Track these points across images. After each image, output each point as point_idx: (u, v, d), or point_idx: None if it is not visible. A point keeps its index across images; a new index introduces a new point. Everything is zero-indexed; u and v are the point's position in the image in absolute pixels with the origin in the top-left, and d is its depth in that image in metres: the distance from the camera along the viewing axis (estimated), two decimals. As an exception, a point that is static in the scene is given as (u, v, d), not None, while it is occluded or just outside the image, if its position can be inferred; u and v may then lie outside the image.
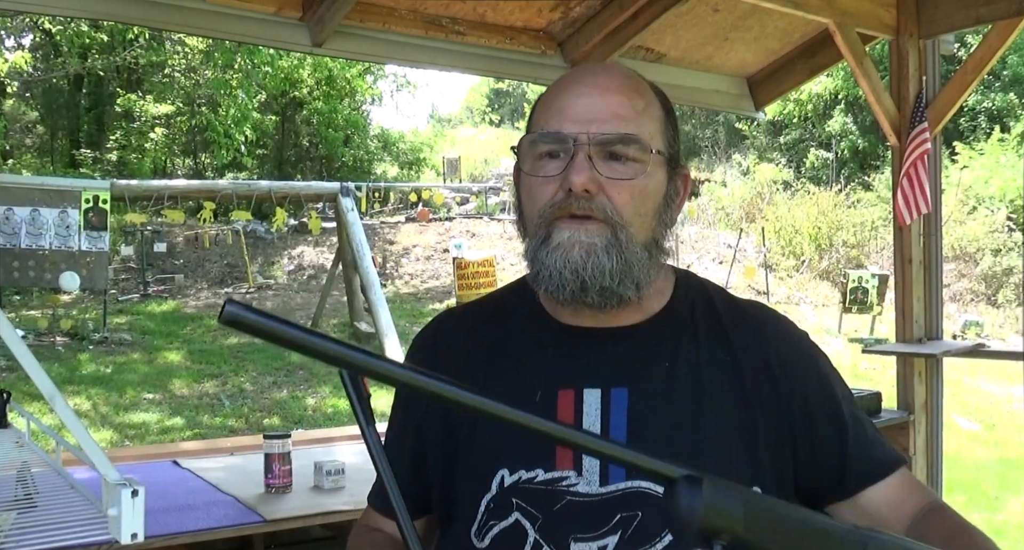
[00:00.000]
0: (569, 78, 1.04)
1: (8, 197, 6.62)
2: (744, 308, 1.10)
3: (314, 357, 0.54)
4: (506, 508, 0.98)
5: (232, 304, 0.51)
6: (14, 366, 7.54)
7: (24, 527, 1.39)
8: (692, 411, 0.99)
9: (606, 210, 0.97)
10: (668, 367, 1.02)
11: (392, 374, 0.55)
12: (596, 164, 0.97)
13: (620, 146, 0.98)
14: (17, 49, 16.12)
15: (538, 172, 1.00)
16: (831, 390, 1.07)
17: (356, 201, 10.05)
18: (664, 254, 1.04)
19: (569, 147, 0.97)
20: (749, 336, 1.05)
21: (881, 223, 14.69)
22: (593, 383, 1.01)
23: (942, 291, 3.87)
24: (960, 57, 11.32)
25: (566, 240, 0.97)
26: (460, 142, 25.65)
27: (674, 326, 1.05)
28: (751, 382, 1.02)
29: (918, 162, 3.50)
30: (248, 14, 2.91)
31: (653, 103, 1.03)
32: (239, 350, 9.88)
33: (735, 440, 0.99)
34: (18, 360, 1.19)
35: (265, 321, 0.52)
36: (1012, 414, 8.11)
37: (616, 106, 0.99)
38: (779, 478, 1.02)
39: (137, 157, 16.93)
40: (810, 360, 1.08)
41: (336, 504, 2.56)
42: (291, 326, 0.53)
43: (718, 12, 3.51)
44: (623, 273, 0.97)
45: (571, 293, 0.97)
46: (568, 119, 0.99)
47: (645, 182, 0.99)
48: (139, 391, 8.26)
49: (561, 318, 1.06)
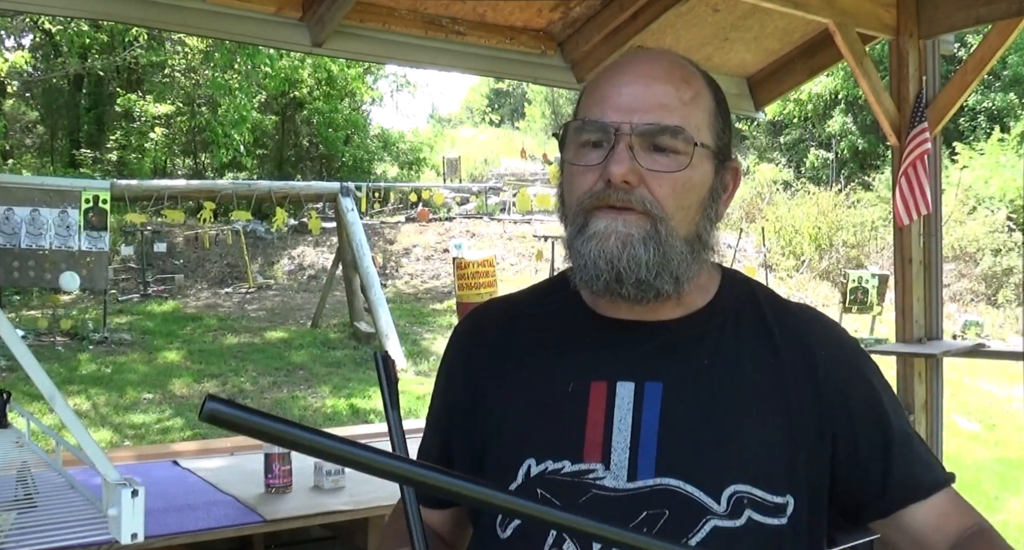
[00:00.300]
0: (617, 65, 1.01)
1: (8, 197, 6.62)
2: (791, 310, 1.07)
3: (299, 450, 0.53)
4: (530, 499, 0.96)
5: (212, 401, 0.50)
6: (14, 366, 7.54)
7: (24, 527, 1.39)
8: (728, 411, 0.96)
9: (646, 202, 0.94)
10: (707, 364, 0.99)
11: (373, 463, 0.54)
12: (637, 155, 0.94)
13: (663, 137, 0.95)
14: (17, 49, 16.12)
15: (579, 161, 0.98)
16: (878, 401, 1.03)
17: (356, 201, 10.05)
18: (708, 250, 1.01)
19: (610, 136, 0.95)
20: (795, 339, 1.02)
21: (881, 223, 14.69)
22: (627, 376, 0.98)
23: (942, 291, 3.87)
24: (960, 57, 11.32)
25: (602, 229, 0.95)
26: (460, 142, 25.65)
27: (716, 323, 1.02)
28: (793, 387, 0.98)
29: (917, 162, 3.50)
30: (248, 14, 2.91)
31: (702, 93, 1.00)
32: (239, 350, 9.88)
33: (772, 445, 0.96)
34: (18, 360, 1.20)
35: (247, 417, 0.51)
36: (1012, 414, 8.11)
37: (661, 96, 0.96)
38: (815, 488, 0.98)
39: (137, 157, 16.92)
40: (857, 369, 1.04)
41: (336, 504, 2.57)
42: (274, 420, 0.52)
43: (718, 12, 3.51)
44: (660, 266, 0.95)
45: (605, 283, 0.95)
46: (611, 108, 0.96)
47: (688, 175, 0.96)
48: (139, 391, 8.26)
49: (599, 310, 1.04)
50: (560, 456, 0.96)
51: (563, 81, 3.72)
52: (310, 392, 8.53)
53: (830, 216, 15.26)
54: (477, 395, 1.05)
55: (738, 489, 0.93)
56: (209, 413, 0.49)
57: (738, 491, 0.93)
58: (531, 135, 29.94)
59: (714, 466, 0.93)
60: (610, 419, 0.96)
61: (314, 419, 7.68)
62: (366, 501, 2.61)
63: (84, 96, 18.37)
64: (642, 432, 0.95)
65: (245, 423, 0.51)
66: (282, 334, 10.67)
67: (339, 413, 7.85)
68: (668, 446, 0.94)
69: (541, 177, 19.45)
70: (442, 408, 1.12)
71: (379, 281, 9.95)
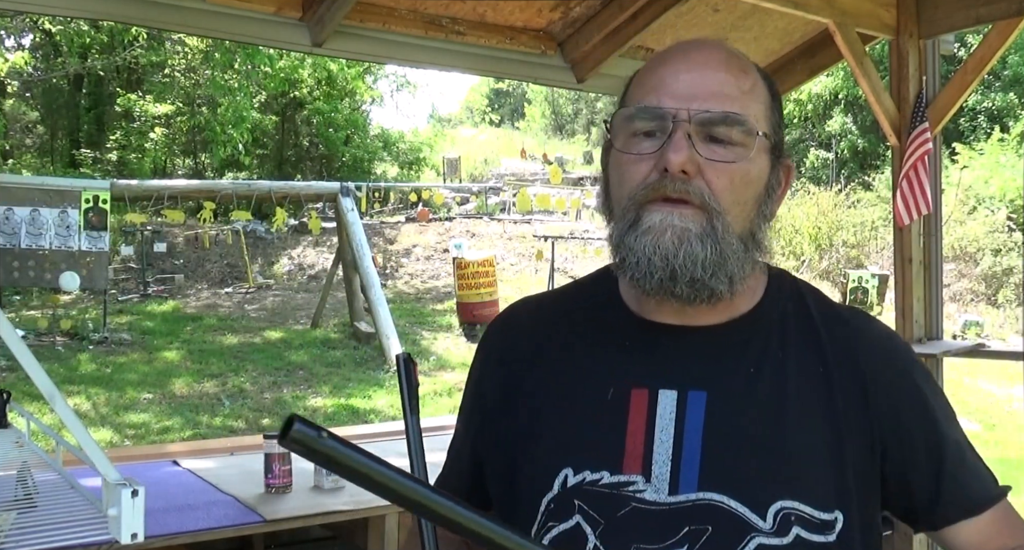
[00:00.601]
0: (670, 53, 0.96)
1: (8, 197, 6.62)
2: (842, 315, 1.01)
3: (386, 496, 0.50)
4: (567, 510, 0.92)
5: (301, 423, 0.46)
6: (14, 366, 7.54)
7: (24, 527, 1.39)
8: (775, 422, 0.91)
9: (703, 195, 0.89)
10: (752, 373, 0.94)
11: (471, 524, 0.52)
12: (695, 144, 0.89)
13: (723, 127, 0.90)
14: (17, 49, 16.12)
15: (631, 150, 0.92)
16: (930, 411, 0.97)
17: (356, 201, 10.05)
18: (760, 250, 0.96)
19: (667, 124, 0.89)
20: (844, 347, 0.96)
21: (881, 223, 14.70)
22: (670, 384, 0.93)
23: (942, 291, 3.87)
24: (960, 57, 11.33)
25: (657, 224, 0.89)
26: (460, 142, 25.66)
27: (762, 329, 0.97)
28: (842, 397, 0.93)
29: (919, 163, 3.50)
30: (248, 14, 2.91)
31: (759, 85, 0.95)
32: (239, 350, 9.88)
33: (820, 457, 0.91)
34: (18, 360, 1.20)
35: (336, 448, 0.47)
36: (1012, 414, 8.11)
37: (720, 84, 0.91)
38: (865, 503, 0.93)
39: (137, 157, 16.93)
40: (909, 377, 0.98)
41: (336, 504, 2.56)
42: (366, 457, 0.48)
43: (718, 12, 3.51)
44: (716, 265, 0.89)
45: (659, 282, 0.89)
46: (667, 94, 0.91)
47: (747, 167, 0.91)
48: (139, 391, 8.26)
49: (641, 312, 0.98)
50: (599, 466, 0.92)
51: (563, 81, 3.72)
52: (310, 392, 8.54)
53: (830, 216, 15.27)
54: (511, 394, 1.01)
55: (785, 505, 0.88)
56: (295, 439, 0.45)
57: (785, 507, 0.88)
58: (531, 135, 29.95)
59: (760, 481, 0.89)
60: (651, 428, 0.92)
61: (313, 419, 7.64)
62: (366, 501, 2.61)
63: (84, 96, 18.38)
64: (684, 443, 0.90)
65: (335, 457, 0.47)
66: (282, 334, 10.67)
67: (339, 413, 7.85)
68: (712, 459, 0.90)
69: (541, 177, 19.46)
70: (473, 407, 1.08)
71: (379, 281, 9.95)
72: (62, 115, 18.75)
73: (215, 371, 9.05)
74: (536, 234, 14.38)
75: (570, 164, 22.47)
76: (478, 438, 1.05)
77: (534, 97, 34.88)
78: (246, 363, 9.35)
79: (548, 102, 34.20)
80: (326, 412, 7.90)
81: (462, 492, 1.06)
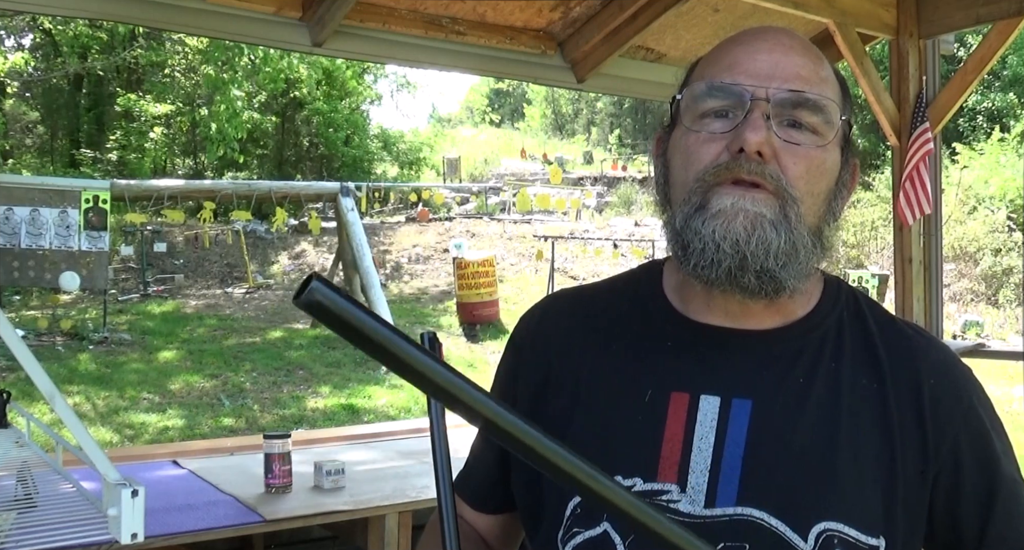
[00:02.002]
0: (743, 35, 0.90)
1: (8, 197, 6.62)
2: (903, 331, 0.93)
3: (391, 366, 0.45)
4: (595, 516, 0.87)
5: (319, 281, 0.42)
6: (14, 366, 7.54)
7: (24, 527, 1.39)
8: (824, 438, 0.85)
9: (779, 179, 0.83)
10: (803, 383, 0.87)
11: (472, 402, 0.47)
12: (773, 126, 0.83)
13: (803, 110, 0.84)
14: (17, 49, 16.12)
15: (701, 129, 0.86)
16: (988, 443, 0.90)
17: (356, 201, 10.05)
18: (825, 250, 0.89)
19: (745, 102, 0.83)
20: (903, 365, 0.89)
21: (881, 223, 14.70)
22: (713, 389, 0.87)
23: (942, 291, 3.87)
24: (960, 57, 11.33)
25: (729, 207, 0.82)
26: (460, 142, 25.66)
27: (816, 337, 0.90)
28: (897, 417, 0.87)
29: (920, 163, 3.50)
30: (248, 14, 2.91)
31: (834, 77, 0.90)
32: (239, 350, 9.88)
33: (869, 477, 0.85)
34: (18, 360, 1.20)
35: (354, 312, 0.42)
36: (1012, 414, 8.11)
37: (799, 67, 0.85)
38: (911, 530, 0.87)
39: (137, 157, 16.93)
40: (970, 405, 0.90)
41: (336, 504, 2.56)
42: (387, 328, 0.43)
43: (718, 12, 3.51)
44: (788, 255, 0.83)
45: (727, 270, 0.82)
46: (743, 73, 0.85)
47: (824, 156, 0.86)
48: (139, 391, 8.26)
49: (687, 312, 0.92)
50: (631, 472, 0.85)
51: (563, 81, 3.72)
52: (310, 392, 8.54)
53: (830, 216, 15.27)
54: (541, 390, 0.95)
55: (828, 527, 0.82)
56: (309, 300, 0.41)
57: (828, 529, 0.82)
58: (531, 135, 29.96)
59: (804, 499, 0.83)
60: (689, 436, 0.85)
61: (314, 419, 7.68)
62: (366, 501, 2.61)
63: (84, 96, 18.39)
64: (725, 453, 0.84)
65: (352, 322, 0.42)
66: (282, 334, 10.67)
67: (339, 413, 7.85)
68: (754, 472, 0.83)
69: (541, 177, 19.46)
70: (504, 401, 1.04)
71: (379, 281, 9.96)
72: (62, 115, 18.76)
73: (215, 371, 9.06)
74: (536, 234, 14.40)
75: (570, 164, 22.49)
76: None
77: (534, 97, 34.89)
78: (246, 363, 9.35)
79: (548, 102, 34.21)
80: (326, 412, 7.90)
81: (486, 489, 1.03)
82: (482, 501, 1.04)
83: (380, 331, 0.43)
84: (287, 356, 9.68)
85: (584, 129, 32.81)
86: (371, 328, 0.43)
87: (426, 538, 1.04)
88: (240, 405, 8.02)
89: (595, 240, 14.31)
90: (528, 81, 4.52)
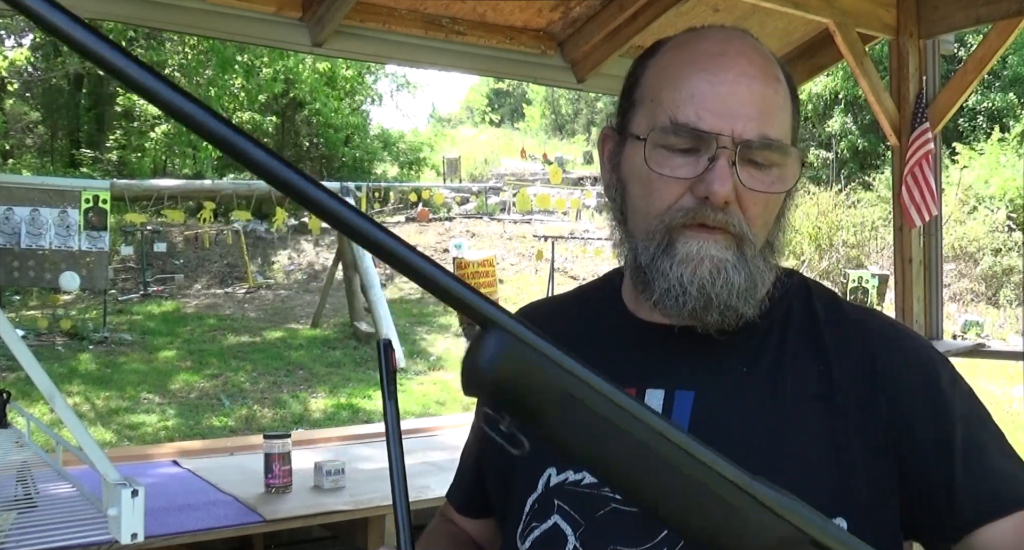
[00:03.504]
0: (704, 53, 0.89)
1: (8, 197, 6.62)
2: (848, 312, 0.96)
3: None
4: (548, 510, 0.91)
5: None
6: (14, 366, 7.54)
7: (24, 527, 1.39)
8: (766, 423, 0.87)
9: (741, 224, 0.86)
10: (745, 372, 0.90)
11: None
12: (737, 170, 0.85)
13: (765, 152, 0.86)
14: (17, 49, 16.13)
15: (663, 167, 0.86)
16: (945, 408, 0.88)
17: (356, 201, 10.06)
18: (775, 253, 0.92)
19: (711, 149, 0.84)
20: (848, 341, 0.91)
21: (881, 223, 14.69)
22: (657, 383, 0.91)
23: (942, 291, 3.87)
24: (960, 57, 11.32)
25: (695, 253, 0.85)
26: (460, 142, 25.65)
27: (760, 329, 0.92)
28: (845, 397, 0.88)
29: (923, 162, 3.50)
30: (248, 14, 2.91)
31: (784, 87, 0.90)
32: (239, 350, 9.88)
33: (817, 459, 0.86)
34: (18, 360, 1.20)
35: None
36: (1012, 414, 8.11)
37: (762, 101, 0.86)
38: (876, 507, 0.86)
39: (137, 157, 16.93)
40: (921, 371, 0.90)
41: (336, 504, 2.57)
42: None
43: (718, 12, 3.51)
44: (748, 291, 0.87)
45: (691, 310, 0.86)
46: (708, 111, 0.85)
47: (781, 189, 0.89)
48: (139, 391, 8.26)
49: (638, 313, 0.96)
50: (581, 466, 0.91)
51: (563, 81, 3.72)
52: (310, 392, 8.53)
53: (830, 216, 15.26)
54: None
55: None
56: None
57: None
58: (531, 135, 29.94)
59: None
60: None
61: (314, 419, 7.68)
62: (366, 501, 2.61)
63: (84, 96, 18.37)
64: None
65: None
66: (282, 334, 10.67)
67: (339, 413, 7.85)
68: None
69: (541, 177, 19.45)
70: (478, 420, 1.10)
71: (379, 281, 9.96)
72: (62, 115, 18.75)
73: (215, 371, 9.05)
74: (536, 234, 14.39)
75: (570, 164, 22.47)
76: (482, 448, 1.05)
77: (534, 97, 34.87)
78: (246, 363, 9.35)
79: (548, 102, 34.19)
80: (326, 412, 7.90)
81: (469, 495, 1.09)
82: (467, 507, 1.10)
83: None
84: (287, 356, 9.68)
85: (584, 129, 32.79)
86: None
87: (425, 538, 1.09)
88: (240, 405, 8.02)
89: (595, 240, 14.31)
90: (528, 81, 4.52)
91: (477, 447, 1.07)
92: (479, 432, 1.06)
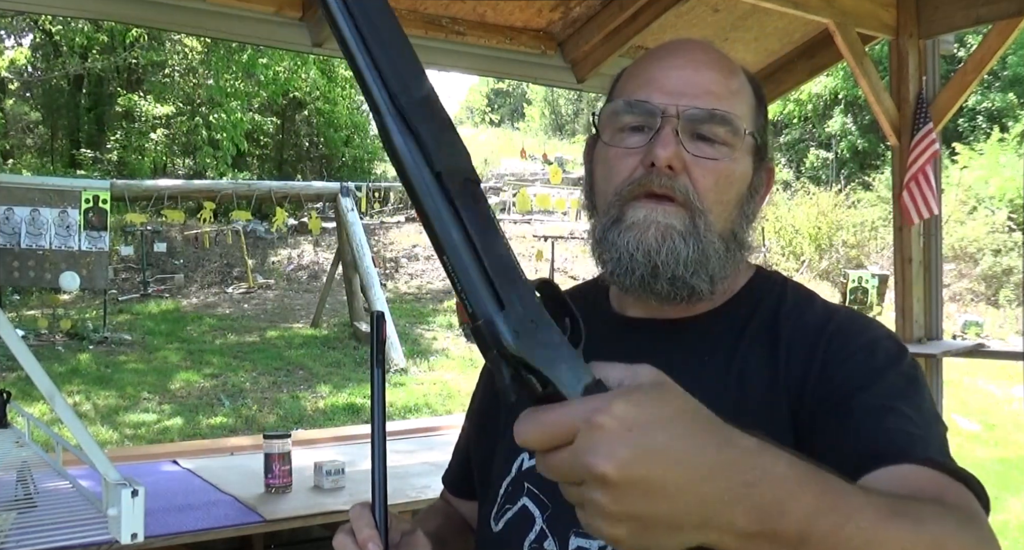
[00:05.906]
0: (661, 50, 0.97)
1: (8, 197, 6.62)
2: (816, 308, 0.96)
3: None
4: (518, 492, 0.95)
5: None
6: (14, 366, 7.54)
7: (24, 527, 1.39)
8: (716, 407, 0.88)
9: (688, 192, 0.89)
10: (707, 360, 0.94)
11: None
12: (683, 141, 0.90)
13: (711, 125, 0.90)
14: (17, 49, 16.12)
15: (619, 144, 0.93)
16: (858, 370, 0.87)
17: (356, 201, 10.06)
18: (743, 249, 0.96)
19: (656, 120, 0.90)
20: (800, 327, 0.94)
21: (881, 223, 14.69)
22: None
23: (942, 291, 3.87)
24: (960, 57, 11.32)
25: (641, 220, 0.89)
26: (460, 142, 25.62)
27: (725, 322, 0.96)
28: (786, 382, 0.90)
29: (927, 164, 3.50)
30: (248, 14, 2.91)
31: (746, 87, 0.96)
32: (238, 349, 9.88)
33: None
34: (18, 360, 1.20)
35: None
36: (1012, 414, 8.11)
37: (709, 82, 0.92)
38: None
39: (137, 157, 16.92)
40: (820, 335, 0.91)
41: (336, 504, 2.56)
42: None
43: (718, 12, 3.51)
44: (698, 263, 0.90)
45: (640, 278, 0.90)
46: (657, 90, 0.91)
47: (732, 166, 0.92)
48: (139, 391, 8.26)
49: (619, 309, 1.01)
50: None
51: (563, 81, 3.72)
52: (310, 392, 8.53)
53: (830, 216, 15.26)
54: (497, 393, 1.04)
55: None
56: None
57: None
58: (531, 135, 29.94)
59: None
60: None
61: (314, 419, 7.68)
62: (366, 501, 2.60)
63: (84, 96, 18.36)
64: None
65: None
66: (282, 334, 10.67)
67: (339, 413, 7.85)
68: None
69: (541, 177, 19.45)
70: (471, 408, 1.15)
71: (379, 281, 9.96)
72: (62, 115, 18.74)
73: (215, 371, 9.05)
74: (536, 234, 14.39)
75: (570, 164, 22.45)
76: (471, 434, 1.12)
77: (534, 97, 34.87)
78: (246, 362, 9.35)
79: (548, 102, 34.19)
80: (326, 412, 7.90)
81: (460, 477, 1.15)
82: (457, 488, 1.16)
83: None
84: (287, 356, 9.67)
85: (584, 129, 32.79)
86: None
87: (424, 514, 1.15)
88: (240, 405, 8.02)
89: (595, 240, 14.28)
90: (528, 81, 4.52)
91: (468, 434, 1.13)
92: (473, 419, 1.12)
